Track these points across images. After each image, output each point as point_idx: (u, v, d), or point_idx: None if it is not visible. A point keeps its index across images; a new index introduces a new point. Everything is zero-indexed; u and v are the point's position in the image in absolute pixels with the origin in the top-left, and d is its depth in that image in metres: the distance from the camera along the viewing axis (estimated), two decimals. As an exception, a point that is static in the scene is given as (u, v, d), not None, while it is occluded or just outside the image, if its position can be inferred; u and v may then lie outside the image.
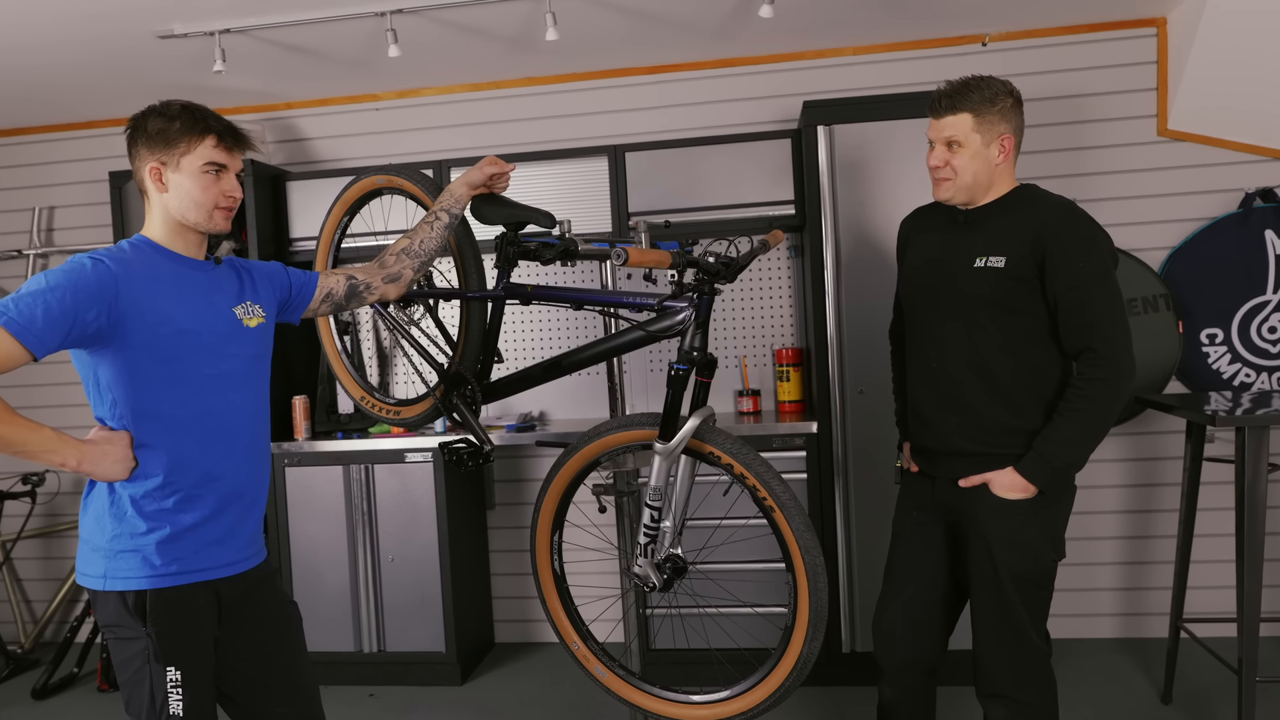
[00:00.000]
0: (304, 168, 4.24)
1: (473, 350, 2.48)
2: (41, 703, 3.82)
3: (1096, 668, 3.57)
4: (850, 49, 3.87)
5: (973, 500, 2.23)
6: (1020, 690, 2.23)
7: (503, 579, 4.24)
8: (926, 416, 2.33)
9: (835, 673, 3.43)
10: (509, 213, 2.35)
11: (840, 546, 3.40)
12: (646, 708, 2.39)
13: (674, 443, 2.12)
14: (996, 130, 2.17)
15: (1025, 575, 2.19)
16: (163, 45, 3.37)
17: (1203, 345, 3.68)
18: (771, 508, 2.06)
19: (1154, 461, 3.79)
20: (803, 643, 2.08)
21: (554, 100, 4.10)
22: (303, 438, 3.83)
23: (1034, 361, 2.19)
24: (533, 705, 3.56)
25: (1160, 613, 3.70)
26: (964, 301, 2.21)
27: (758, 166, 3.64)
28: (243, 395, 1.92)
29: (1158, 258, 3.72)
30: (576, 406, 4.13)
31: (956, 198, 2.23)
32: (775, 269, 3.98)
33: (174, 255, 1.89)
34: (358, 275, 2.21)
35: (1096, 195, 3.73)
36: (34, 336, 1.63)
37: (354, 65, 3.76)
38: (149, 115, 1.86)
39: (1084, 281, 2.10)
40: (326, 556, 3.76)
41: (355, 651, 3.77)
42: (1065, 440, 2.13)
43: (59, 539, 4.52)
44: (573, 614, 2.50)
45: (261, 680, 2.00)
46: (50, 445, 1.69)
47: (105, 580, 1.81)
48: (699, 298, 2.12)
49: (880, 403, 3.23)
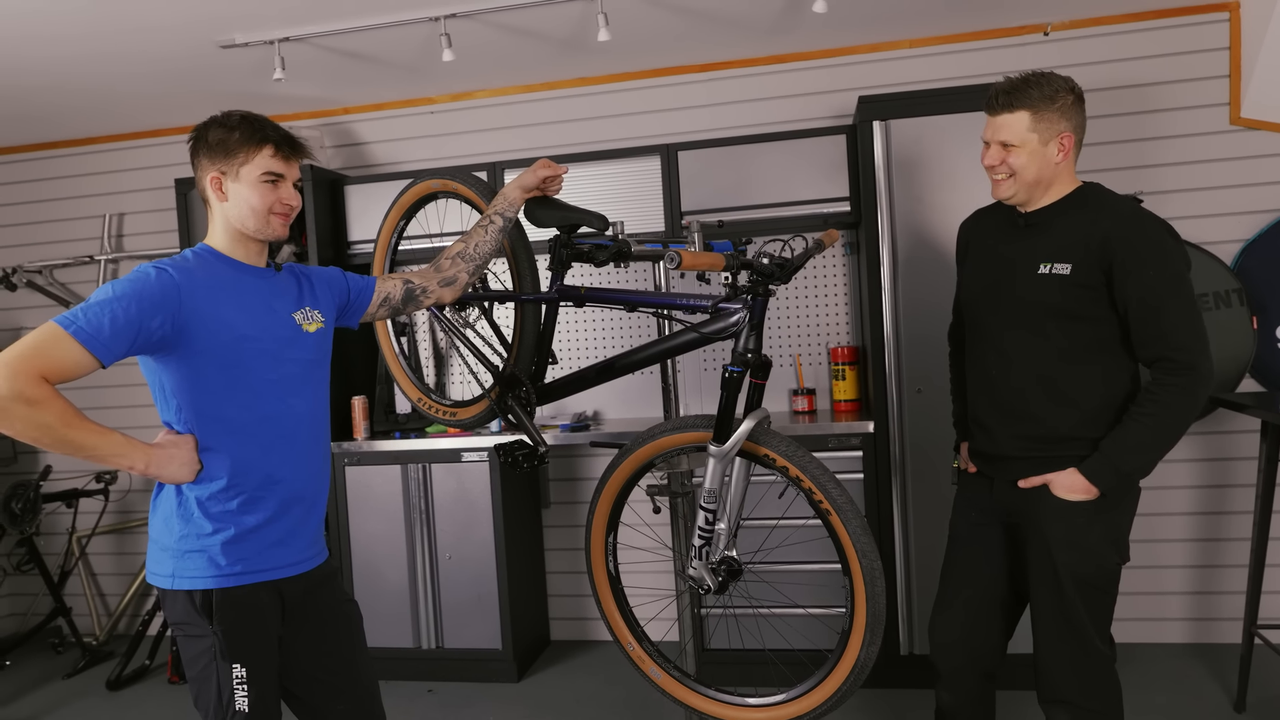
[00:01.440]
0: (361, 172, 4.30)
1: (527, 352, 2.49)
2: (115, 694, 3.95)
3: (1166, 673, 3.46)
4: (906, 42, 3.81)
5: (1033, 501, 2.17)
6: (1084, 697, 2.17)
7: (558, 577, 4.27)
8: (986, 424, 2.28)
9: (893, 675, 3.39)
10: (562, 215, 2.35)
11: (898, 548, 3.36)
12: (702, 709, 2.38)
13: (728, 445, 2.10)
14: (1056, 129, 2.10)
15: (1087, 578, 2.13)
16: (225, 55, 3.46)
17: (1278, 342, 3.55)
18: (827, 511, 2.03)
19: (1227, 462, 3.67)
20: (860, 647, 2.05)
21: (606, 100, 4.10)
22: (362, 438, 3.90)
23: (1101, 368, 2.12)
24: (588, 703, 3.58)
25: (1233, 618, 3.58)
26: (1027, 309, 2.15)
27: (812, 163, 3.60)
28: (302, 399, 1.96)
29: (1231, 251, 3.59)
30: (630, 406, 4.14)
31: (1017, 196, 2.17)
32: (830, 267, 3.94)
33: (236, 263, 1.92)
34: (414, 279, 2.24)
35: (1165, 187, 3.62)
36: (101, 345, 1.68)
37: (409, 70, 3.81)
38: (210, 126, 1.90)
39: (1156, 290, 2.02)
40: (386, 554, 3.82)
41: (414, 648, 3.82)
42: (1135, 445, 2.06)
43: (131, 535, 4.67)
44: (628, 615, 2.50)
45: (323, 677, 2.03)
46: (119, 449, 1.73)
47: (173, 579, 1.86)
48: (753, 299, 2.10)
49: (939, 402, 3.18)
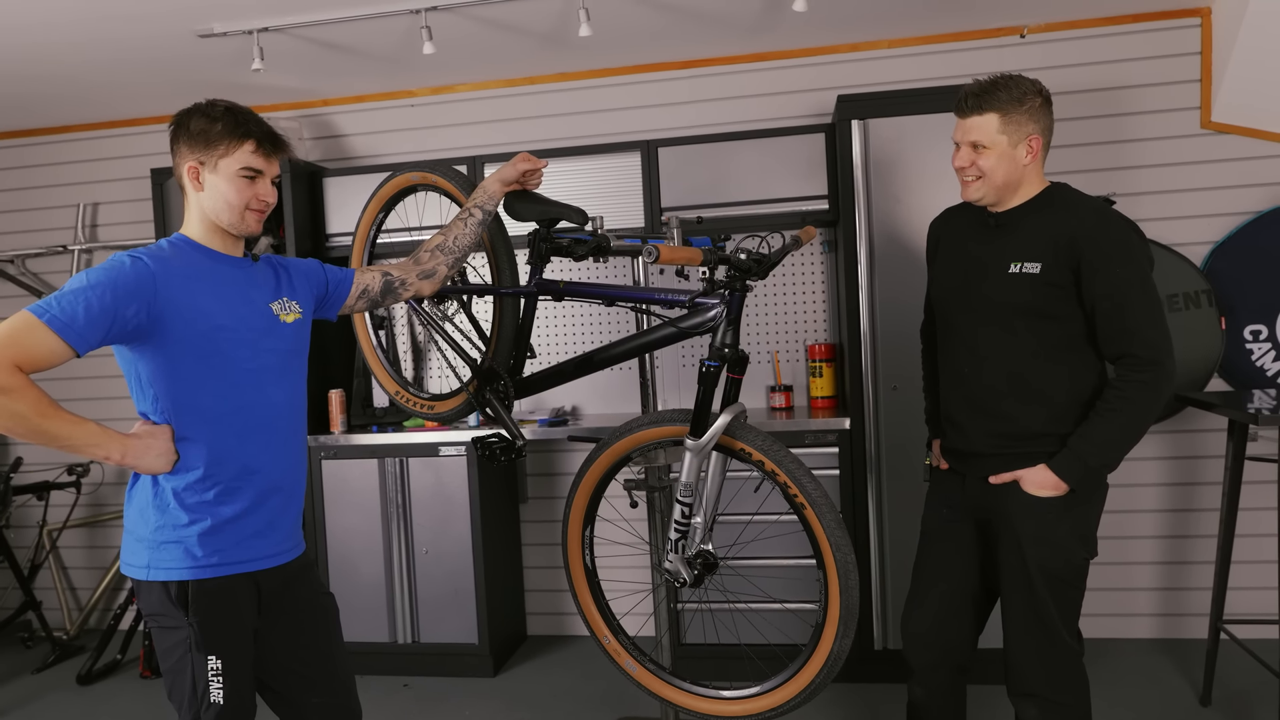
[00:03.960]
0: (340, 164, 4.28)
1: (505, 345, 2.50)
2: (86, 688, 3.92)
3: (1134, 668, 3.52)
4: (885, 42, 3.84)
5: (1003, 497, 2.20)
6: (1053, 690, 2.21)
7: (535, 572, 4.28)
8: (958, 421, 2.31)
9: (867, 670, 3.42)
10: (542, 209, 2.36)
11: (873, 543, 3.39)
12: (677, 702, 2.40)
13: (705, 439, 2.12)
14: (1024, 131, 2.14)
15: (1056, 573, 2.17)
16: (202, 44, 3.43)
17: (1246, 342, 3.61)
18: (802, 504, 2.06)
19: (1194, 460, 3.73)
20: (834, 640, 2.07)
21: (587, 96, 4.10)
22: (339, 431, 3.88)
23: (1070, 366, 2.16)
24: (564, 697, 3.58)
25: (1200, 613, 3.63)
26: (997, 308, 2.19)
27: (791, 161, 3.62)
28: (280, 390, 1.95)
29: (1200, 252, 3.65)
30: (609, 402, 4.14)
31: (987, 197, 2.20)
32: (809, 265, 3.96)
33: (212, 253, 1.92)
34: (393, 272, 2.24)
35: (1137, 189, 3.67)
36: (76, 333, 1.67)
37: (389, 62, 3.80)
38: (193, 114, 1.88)
39: (1121, 288, 2.06)
40: (362, 549, 3.81)
41: (390, 642, 3.82)
42: (1102, 440, 2.10)
43: (103, 529, 4.63)
44: (604, 608, 2.51)
45: (299, 670, 2.03)
46: (94, 439, 1.73)
47: (149, 570, 1.85)
48: (730, 294, 2.12)
49: (914, 399, 3.19)
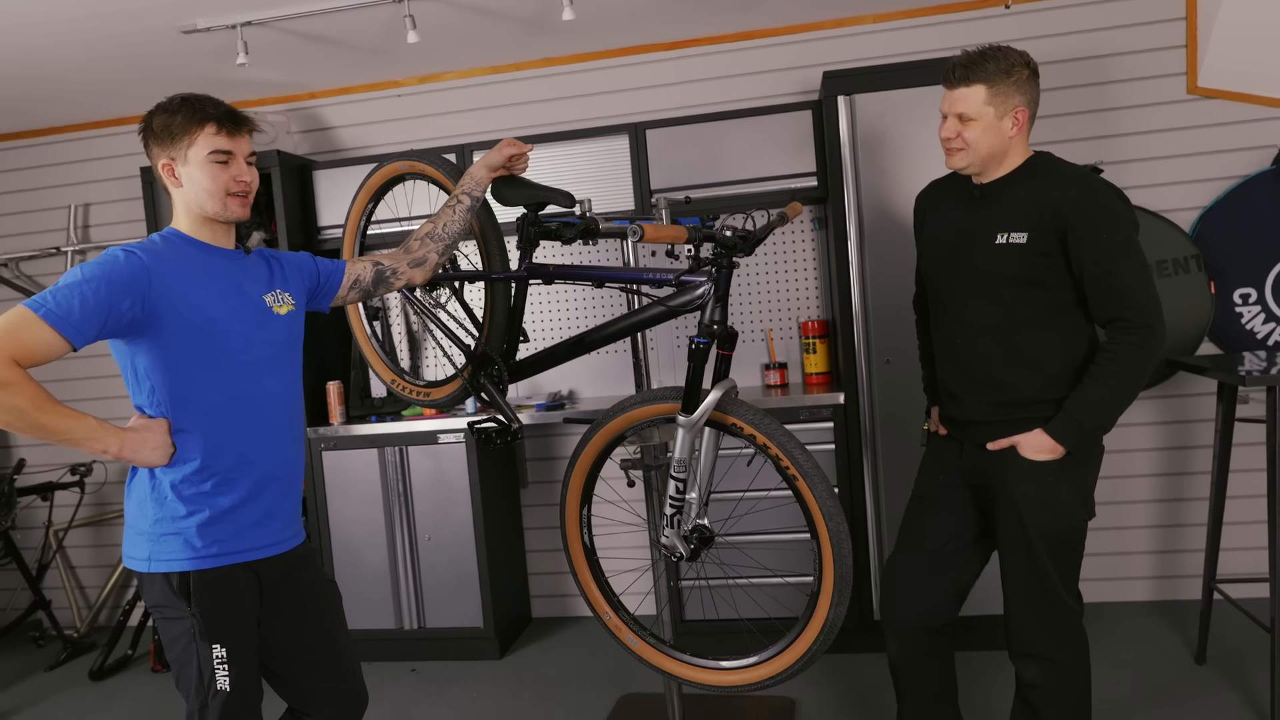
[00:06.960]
0: (329, 156, 4.29)
1: (498, 330, 2.52)
2: (99, 684, 3.96)
3: (1130, 629, 3.56)
4: (869, 17, 3.84)
5: (1001, 463, 2.23)
6: (1053, 650, 2.25)
7: (538, 555, 4.31)
8: (954, 391, 2.33)
9: (867, 640, 3.46)
10: (529, 194, 2.38)
11: (870, 516, 3.42)
12: (676, 673, 2.43)
13: (696, 415, 2.14)
14: (1011, 103, 2.15)
15: (1055, 536, 2.20)
16: (186, 40, 3.43)
17: (1235, 305, 3.63)
18: (794, 476, 2.08)
19: (1186, 424, 3.76)
20: (829, 607, 2.10)
21: (573, 80, 4.11)
22: (338, 422, 3.91)
23: (1061, 332, 2.19)
24: (570, 676, 3.63)
25: (1194, 575, 3.68)
26: (986, 278, 2.21)
27: (779, 139, 3.63)
28: (275, 380, 1.97)
29: (1189, 218, 3.66)
30: (604, 384, 4.17)
31: (971, 167, 2.22)
32: (800, 242, 3.98)
33: (204, 245, 1.94)
34: (384, 261, 2.26)
35: (1125, 156, 3.68)
36: (72, 327, 1.69)
37: (374, 53, 3.80)
38: (155, 113, 1.90)
39: (1109, 254, 2.08)
40: (365, 537, 3.85)
41: (396, 629, 3.86)
42: (1095, 402, 2.12)
43: (108, 527, 4.66)
44: (604, 586, 2.54)
45: (304, 656, 2.07)
46: (91, 433, 1.75)
47: (150, 563, 1.88)
48: (717, 272, 2.14)
49: (908, 371, 3.23)
